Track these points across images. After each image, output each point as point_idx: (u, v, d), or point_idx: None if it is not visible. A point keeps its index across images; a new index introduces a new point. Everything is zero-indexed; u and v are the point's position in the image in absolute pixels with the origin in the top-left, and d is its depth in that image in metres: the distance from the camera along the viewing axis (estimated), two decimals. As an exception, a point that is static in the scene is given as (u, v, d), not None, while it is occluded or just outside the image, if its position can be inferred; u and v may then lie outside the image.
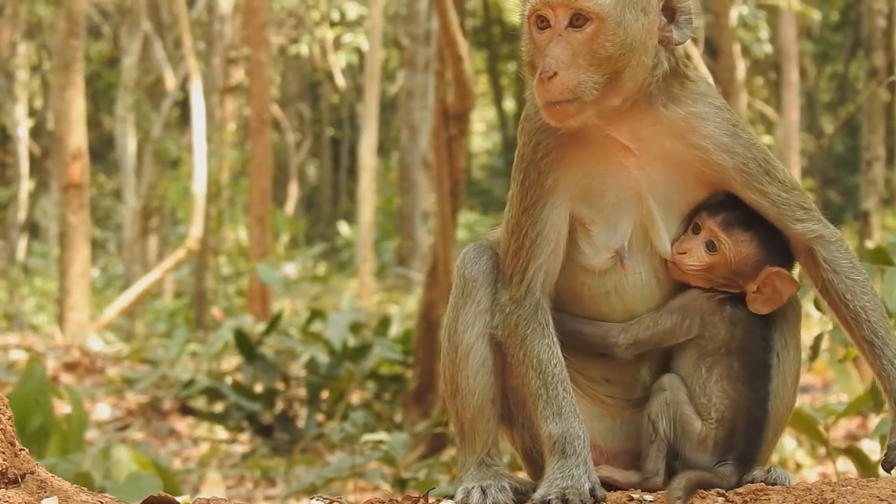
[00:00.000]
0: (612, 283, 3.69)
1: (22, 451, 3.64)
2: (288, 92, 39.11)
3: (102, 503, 3.67)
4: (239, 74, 24.13)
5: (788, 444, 8.43)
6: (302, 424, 12.16)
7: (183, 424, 13.02)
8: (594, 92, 3.50)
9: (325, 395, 12.45)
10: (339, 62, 31.11)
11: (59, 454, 8.17)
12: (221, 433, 12.68)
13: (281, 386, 12.68)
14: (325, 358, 12.51)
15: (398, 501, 3.71)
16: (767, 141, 23.79)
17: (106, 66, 34.62)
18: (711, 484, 3.56)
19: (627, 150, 3.62)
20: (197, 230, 20.16)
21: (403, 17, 27.31)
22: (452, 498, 3.69)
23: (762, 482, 3.58)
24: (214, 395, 12.85)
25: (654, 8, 3.55)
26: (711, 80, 5.79)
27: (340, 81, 34.73)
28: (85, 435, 9.25)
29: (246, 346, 12.68)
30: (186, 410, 13.28)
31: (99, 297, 25.19)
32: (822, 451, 8.39)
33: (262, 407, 12.36)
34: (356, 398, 12.54)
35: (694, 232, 3.69)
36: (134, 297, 20.66)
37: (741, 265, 3.69)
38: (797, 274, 3.77)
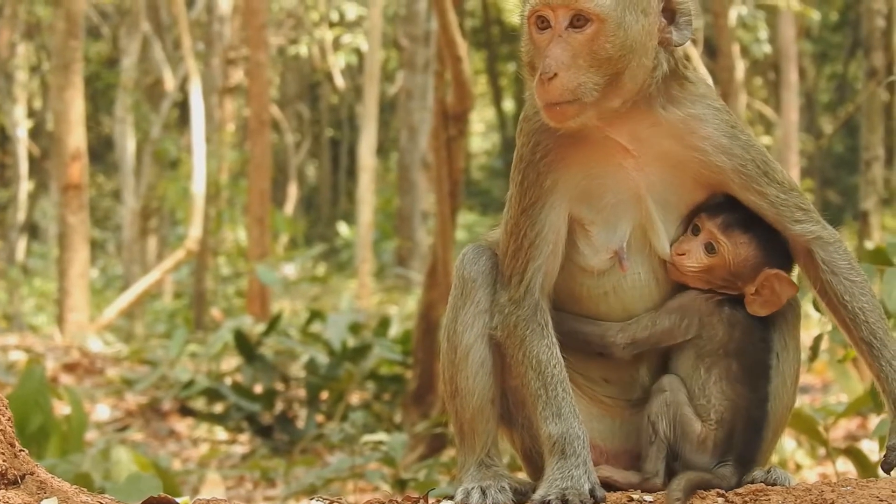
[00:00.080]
0: (610, 283, 3.70)
1: (21, 451, 3.64)
2: (287, 92, 39.11)
3: (102, 504, 3.68)
4: (238, 75, 24.12)
5: (788, 444, 8.43)
6: (301, 425, 12.15)
7: (182, 425, 13.02)
8: (594, 93, 3.50)
9: (324, 395, 12.44)
10: (338, 63, 31.09)
11: (58, 455, 8.16)
12: (221, 434, 12.67)
13: (280, 386, 12.67)
14: (324, 358, 12.50)
15: (398, 502, 3.71)
16: (766, 141, 23.80)
17: (105, 66, 34.61)
18: (711, 484, 3.56)
19: (626, 151, 3.62)
20: (196, 231, 20.16)
21: (403, 17, 27.30)
22: (452, 498, 3.69)
23: (762, 483, 3.58)
24: (214, 395, 12.84)
25: (654, 9, 3.55)
26: (710, 80, 5.80)
27: (340, 82, 34.73)
28: (84, 436, 9.24)
29: (245, 346, 12.67)
30: (186, 411, 13.27)
31: (98, 297, 25.18)
32: (821, 451, 8.39)
33: (261, 408, 12.35)
34: (356, 399, 12.53)
35: (693, 233, 3.69)
36: (133, 297, 20.65)
37: (740, 267, 3.69)
38: (796, 276, 3.77)
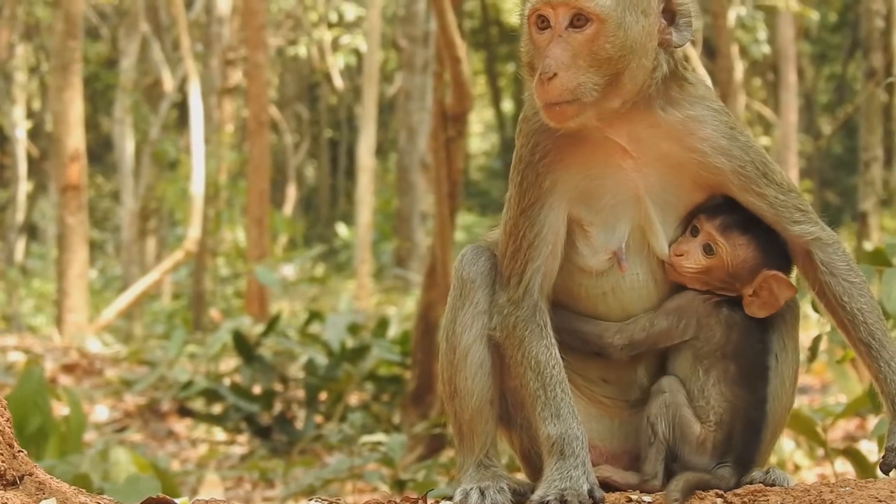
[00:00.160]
0: (609, 284, 3.70)
1: (20, 452, 3.64)
2: (286, 93, 39.11)
3: (101, 505, 3.67)
4: (237, 76, 24.10)
5: (787, 445, 8.43)
6: (300, 426, 12.15)
7: (181, 426, 13.01)
8: (594, 93, 3.50)
9: (323, 396, 12.43)
10: (337, 63, 31.08)
11: (57, 456, 8.16)
12: (220, 434, 12.66)
13: (279, 387, 12.67)
14: (323, 359, 12.49)
15: (397, 503, 3.71)
16: (765, 142, 23.81)
17: (104, 67, 34.59)
18: (710, 485, 3.56)
19: (625, 151, 3.62)
20: (195, 232, 20.15)
21: (401, 18, 27.29)
22: (451, 499, 3.68)
23: (760, 483, 3.58)
24: (213, 396, 12.83)
25: (654, 10, 3.55)
26: (709, 81, 5.80)
27: (339, 83, 34.72)
28: (83, 436, 9.23)
29: (244, 347, 12.67)
30: (185, 412, 13.26)
31: (97, 298, 25.16)
32: (820, 452, 8.39)
33: (260, 408, 12.35)
34: (354, 399, 12.52)
35: (692, 234, 3.69)
36: (132, 298, 20.64)
37: (738, 268, 3.69)
38: (794, 277, 3.77)
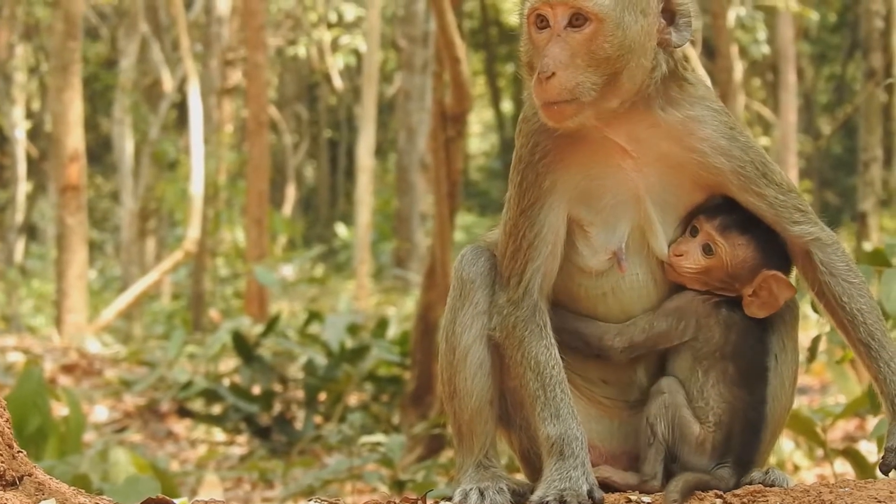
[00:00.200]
0: (609, 284, 3.69)
1: (20, 453, 3.64)
2: (285, 93, 39.10)
3: (100, 505, 3.67)
4: (236, 76, 24.10)
5: (786, 445, 8.42)
6: (300, 426, 12.14)
7: (181, 426, 13.01)
8: (592, 93, 3.50)
9: (322, 396, 12.42)
10: (336, 64, 31.07)
11: (56, 456, 8.15)
12: (219, 435, 12.66)
13: (279, 388, 12.66)
14: (322, 360, 12.48)
15: (396, 503, 3.71)
16: (765, 142, 23.81)
17: (103, 67, 34.58)
18: (709, 486, 3.56)
19: (625, 152, 3.62)
20: (194, 232, 20.14)
21: (401, 18, 27.30)
22: (450, 500, 3.68)
23: (760, 484, 3.58)
24: (212, 396, 12.82)
25: (653, 10, 3.55)
26: (709, 81, 5.80)
27: (338, 83, 34.71)
28: (83, 437, 9.22)
29: (243, 347, 12.66)
30: (184, 412, 13.26)
31: (96, 298, 25.16)
32: (819, 452, 8.39)
33: (259, 409, 12.34)
34: (354, 400, 12.52)
35: (691, 234, 3.69)
36: (131, 298, 20.63)
37: (738, 269, 3.68)
38: (794, 277, 3.77)
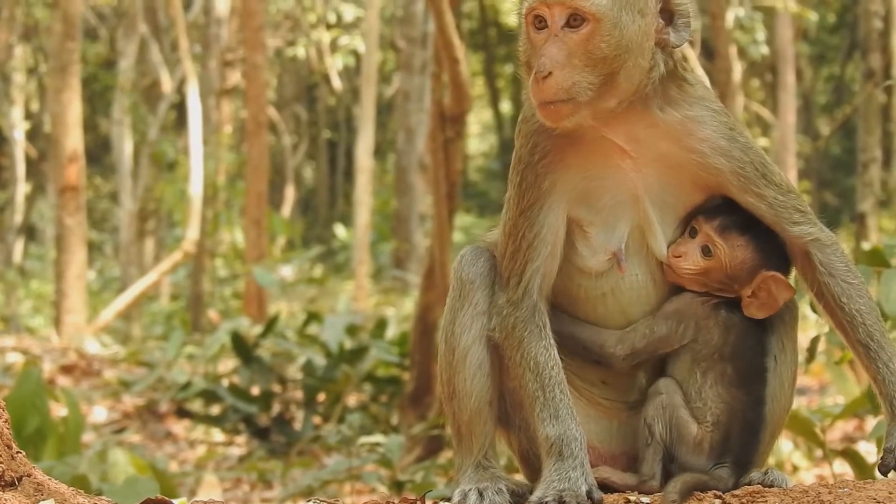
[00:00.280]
0: (608, 285, 3.69)
1: (19, 453, 3.64)
2: (284, 94, 39.09)
3: (99, 506, 3.67)
4: (235, 77, 24.10)
5: (785, 446, 8.42)
6: (298, 427, 12.14)
7: (179, 427, 13.00)
8: (589, 92, 3.50)
9: (321, 397, 12.42)
10: (335, 64, 31.08)
11: (55, 457, 8.14)
12: (218, 436, 12.66)
13: (277, 388, 12.66)
14: (321, 360, 12.48)
15: (395, 504, 3.71)
16: (764, 143, 23.80)
17: (102, 68, 34.56)
18: (708, 486, 3.56)
19: (624, 152, 3.62)
20: (193, 233, 20.14)
21: (400, 19, 27.30)
22: (449, 500, 3.68)
23: (759, 484, 3.58)
24: (211, 397, 12.83)
25: (651, 10, 3.55)
26: (708, 81, 5.80)
27: (337, 84, 34.70)
28: (81, 438, 9.22)
29: (242, 348, 12.66)
30: (183, 413, 13.26)
31: (95, 299, 25.15)
32: (818, 453, 8.39)
33: (258, 409, 12.34)
34: (353, 400, 12.52)
35: (690, 235, 3.69)
36: (130, 299, 20.63)
37: (737, 270, 3.68)
38: (793, 278, 3.77)
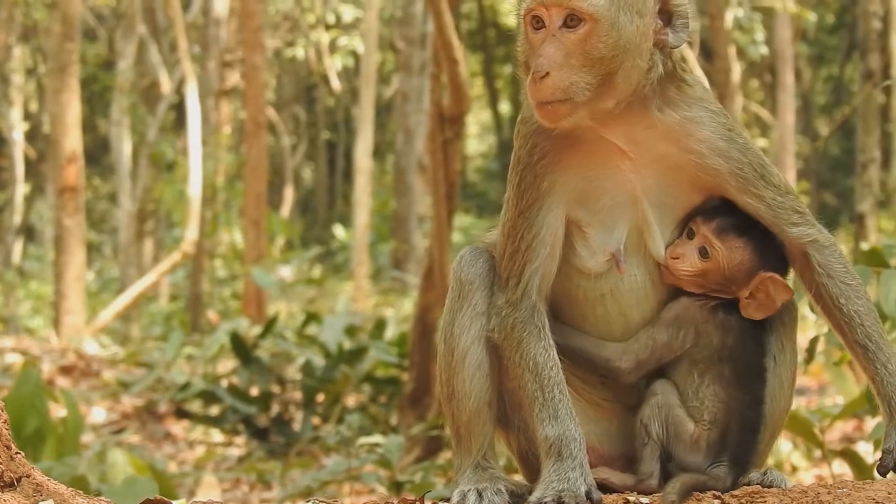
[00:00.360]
0: (607, 285, 3.69)
1: (18, 454, 3.64)
2: (283, 95, 39.09)
3: (98, 507, 3.67)
4: (234, 78, 24.11)
5: (784, 446, 8.43)
6: (298, 427, 12.14)
7: (178, 428, 13.00)
8: (586, 93, 3.50)
9: (320, 398, 12.42)
10: (334, 65, 31.09)
11: (54, 458, 8.14)
12: (217, 436, 12.65)
13: (276, 389, 12.65)
14: (320, 361, 12.48)
15: (394, 504, 3.71)
16: (762, 144, 23.80)
17: (101, 69, 34.55)
18: (707, 486, 3.56)
19: (623, 153, 3.62)
20: (192, 233, 20.14)
21: (399, 20, 27.31)
22: (448, 501, 3.68)
23: (758, 484, 3.58)
24: (210, 398, 12.82)
25: (649, 10, 3.55)
26: (706, 82, 5.80)
27: (336, 84, 34.70)
28: (80, 438, 9.20)
29: (241, 349, 12.66)
30: (182, 414, 13.25)
31: (94, 300, 25.15)
32: (817, 453, 8.39)
33: (257, 410, 12.34)
34: (352, 401, 12.52)
35: (688, 237, 3.69)
36: (129, 300, 20.62)
37: (734, 271, 3.68)
38: (791, 279, 3.77)
